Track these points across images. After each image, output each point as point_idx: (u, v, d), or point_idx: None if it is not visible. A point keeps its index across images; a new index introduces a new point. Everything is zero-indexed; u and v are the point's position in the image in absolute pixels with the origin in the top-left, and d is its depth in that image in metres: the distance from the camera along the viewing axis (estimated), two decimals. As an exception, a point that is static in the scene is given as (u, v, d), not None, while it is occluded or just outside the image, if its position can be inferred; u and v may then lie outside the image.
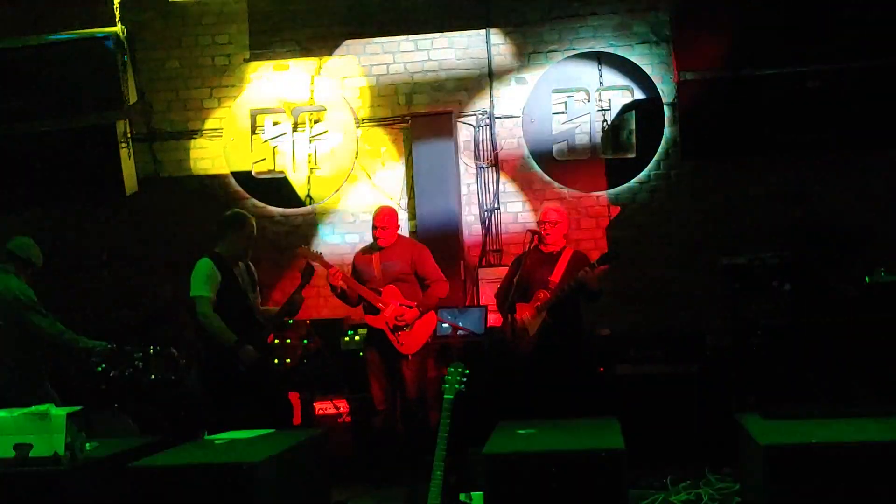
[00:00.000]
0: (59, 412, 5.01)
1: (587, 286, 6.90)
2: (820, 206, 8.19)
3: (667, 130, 8.55)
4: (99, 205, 9.05)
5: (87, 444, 5.28)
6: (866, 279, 6.50)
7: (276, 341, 8.15)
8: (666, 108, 8.55)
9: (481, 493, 4.89)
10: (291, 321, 7.78)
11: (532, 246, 7.07)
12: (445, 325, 7.76)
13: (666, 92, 8.52)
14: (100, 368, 6.83)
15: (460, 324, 7.77)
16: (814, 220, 7.68)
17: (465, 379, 5.12)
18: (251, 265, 7.04)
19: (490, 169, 8.88)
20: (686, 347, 7.59)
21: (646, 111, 8.62)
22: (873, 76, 6.74)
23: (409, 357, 7.27)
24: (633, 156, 8.65)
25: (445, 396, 5.08)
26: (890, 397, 5.36)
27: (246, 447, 5.39)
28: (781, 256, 6.99)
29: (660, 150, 8.60)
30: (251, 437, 5.71)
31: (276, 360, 7.95)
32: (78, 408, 5.18)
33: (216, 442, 5.66)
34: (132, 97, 8.47)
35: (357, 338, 8.16)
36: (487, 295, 8.44)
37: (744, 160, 8.34)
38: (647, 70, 8.61)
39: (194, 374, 7.53)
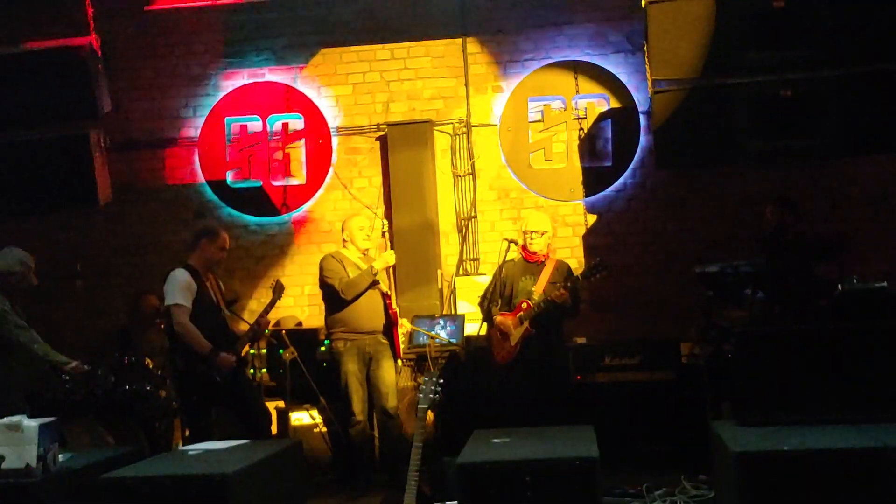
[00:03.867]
0: (31, 423, 4.97)
1: (561, 306, 6.89)
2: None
3: (642, 139, 8.59)
4: (73, 214, 9.00)
5: (61, 456, 5.24)
6: (839, 287, 6.54)
7: (252, 351, 8.13)
8: (641, 117, 8.59)
9: (455, 502, 4.88)
10: (268, 331, 7.73)
11: (508, 254, 7.08)
12: (422, 334, 7.75)
13: (641, 100, 8.56)
14: (67, 386, 6.77)
15: (436, 333, 7.76)
16: (790, 227, 7.69)
17: (439, 388, 5.12)
18: (219, 280, 7.01)
19: (467, 177, 8.89)
20: (661, 355, 7.60)
21: (621, 120, 8.67)
22: (847, 84, 6.78)
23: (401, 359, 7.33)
24: (609, 164, 8.69)
25: (420, 406, 5.08)
26: (862, 405, 5.37)
27: (220, 458, 5.36)
28: (754, 265, 7.03)
29: (635, 158, 8.64)
30: (225, 448, 5.69)
31: (251, 370, 7.95)
32: (51, 419, 5.14)
33: (190, 453, 5.63)
34: (107, 106, 8.44)
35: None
36: (464, 304, 8.44)
37: (719, 169, 8.38)
38: (623, 79, 8.66)
39: (170, 384, 7.49)
